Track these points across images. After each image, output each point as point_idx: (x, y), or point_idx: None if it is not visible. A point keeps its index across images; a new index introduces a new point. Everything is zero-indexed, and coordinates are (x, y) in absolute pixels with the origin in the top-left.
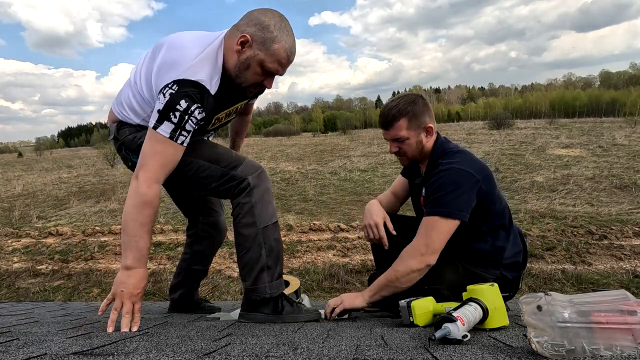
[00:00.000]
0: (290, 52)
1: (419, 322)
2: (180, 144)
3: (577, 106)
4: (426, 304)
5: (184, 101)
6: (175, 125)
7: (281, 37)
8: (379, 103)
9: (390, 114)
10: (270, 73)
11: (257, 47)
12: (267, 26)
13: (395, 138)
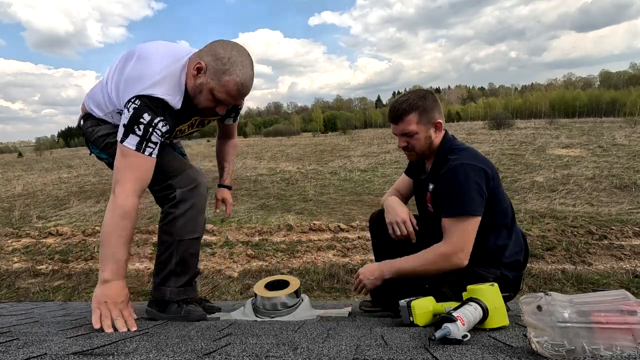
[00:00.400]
0: (242, 86)
1: (419, 321)
2: (149, 155)
3: (577, 106)
4: (426, 304)
5: (147, 114)
6: (140, 138)
7: (233, 70)
8: (379, 103)
9: (401, 108)
10: (220, 101)
11: (210, 76)
12: (222, 58)
13: (405, 132)
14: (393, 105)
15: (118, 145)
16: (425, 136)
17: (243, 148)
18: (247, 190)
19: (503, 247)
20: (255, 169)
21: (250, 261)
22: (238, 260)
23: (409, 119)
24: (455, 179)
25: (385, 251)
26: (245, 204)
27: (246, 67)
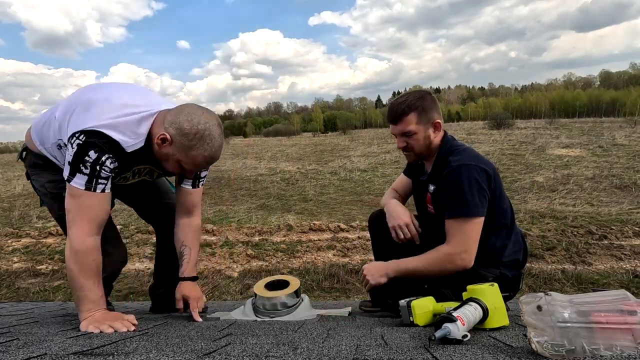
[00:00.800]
0: (211, 158)
1: (419, 321)
2: (101, 191)
3: (577, 106)
4: (426, 304)
5: (93, 152)
6: (88, 177)
7: (200, 145)
8: (379, 103)
9: (400, 109)
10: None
11: (176, 149)
12: (187, 134)
13: (404, 132)
14: (392, 105)
15: (67, 184)
16: (424, 136)
17: (243, 148)
18: (247, 190)
19: (503, 247)
20: (255, 169)
21: (250, 261)
22: (238, 260)
23: (408, 119)
24: (458, 180)
25: (385, 251)
26: (245, 204)
27: (214, 139)
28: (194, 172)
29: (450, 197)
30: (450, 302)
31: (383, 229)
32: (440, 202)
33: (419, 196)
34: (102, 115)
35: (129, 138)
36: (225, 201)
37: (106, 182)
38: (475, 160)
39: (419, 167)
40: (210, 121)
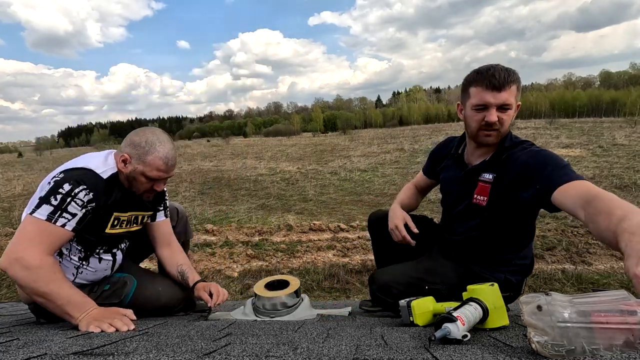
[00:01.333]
0: (166, 158)
1: (419, 321)
2: (61, 226)
3: (577, 106)
4: (426, 304)
5: (68, 184)
6: (54, 207)
7: (153, 149)
8: (379, 103)
9: (505, 75)
10: (154, 179)
11: (135, 162)
12: (139, 144)
13: (505, 104)
14: (494, 72)
15: (23, 219)
16: (513, 115)
17: (243, 148)
18: (247, 190)
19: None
20: (255, 169)
21: (250, 261)
22: (238, 260)
23: (511, 89)
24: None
25: (385, 251)
26: (245, 204)
27: (164, 142)
28: (162, 182)
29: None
30: (450, 302)
31: (382, 229)
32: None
33: (458, 191)
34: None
35: (101, 168)
36: (225, 201)
37: (71, 218)
38: None
39: (456, 161)
40: (156, 130)
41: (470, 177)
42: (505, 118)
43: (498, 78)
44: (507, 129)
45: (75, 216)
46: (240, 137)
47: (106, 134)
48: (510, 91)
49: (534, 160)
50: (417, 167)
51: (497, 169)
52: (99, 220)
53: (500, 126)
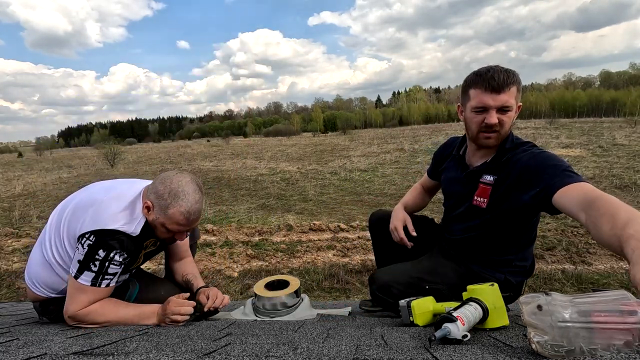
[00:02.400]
0: (188, 214)
1: (419, 321)
2: (106, 286)
3: (577, 106)
4: (426, 304)
5: (102, 250)
6: (95, 274)
7: (176, 202)
8: (379, 103)
9: (505, 77)
10: (174, 232)
11: (157, 213)
12: (162, 195)
13: (505, 106)
14: (493, 73)
15: (70, 278)
16: (513, 116)
17: (243, 148)
18: (247, 190)
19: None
20: (255, 169)
21: (250, 261)
22: (238, 260)
23: (511, 91)
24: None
25: (386, 251)
26: (245, 204)
27: (188, 195)
28: (183, 234)
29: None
30: (450, 302)
31: (383, 229)
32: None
33: (459, 192)
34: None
35: (133, 222)
36: (225, 201)
37: (112, 277)
38: None
39: (457, 162)
40: (183, 179)
41: (471, 179)
42: (505, 120)
43: (497, 80)
44: (507, 130)
45: (116, 275)
46: (240, 137)
47: (106, 134)
48: (510, 93)
49: (535, 162)
50: (417, 167)
51: (498, 171)
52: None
53: (501, 128)
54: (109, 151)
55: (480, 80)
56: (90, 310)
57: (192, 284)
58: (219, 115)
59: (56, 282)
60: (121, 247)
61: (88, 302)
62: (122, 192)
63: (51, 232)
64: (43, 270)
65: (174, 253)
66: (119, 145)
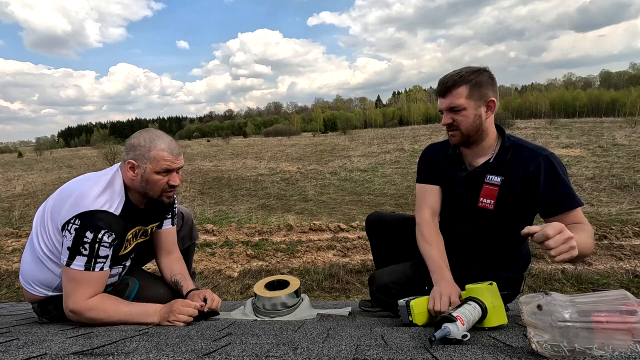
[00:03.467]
0: (169, 148)
1: (418, 321)
2: (100, 270)
3: (577, 106)
4: (425, 303)
5: (89, 232)
6: (87, 257)
7: (154, 143)
8: (379, 103)
9: (451, 80)
10: (166, 171)
11: (143, 163)
12: (138, 145)
13: (452, 107)
14: (443, 78)
15: (63, 268)
16: (475, 114)
17: (243, 148)
18: (247, 190)
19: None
20: (255, 169)
21: (250, 261)
22: (238, 260)
23: (458, 92)
24: (563, 171)
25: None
26: (245, 204)
27: (161, 135)
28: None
29: (563, 189)
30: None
31: (380, 231)
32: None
33: (460, 193)
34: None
35: (114, 199)
36: (225, 201)
37: (105, 260)
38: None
39: (454, 161)
40: (150, 129)
41: (474, 179)
42: (459, 119)
43: (444, 83)
44: (470, 128)
45: (107, 257)
46: (240, 137)
47: (106, 133)
48: (456, 94)
49: (545, 176)
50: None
51: (503, 171)
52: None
53: (459, 126)
54: (109, 151)
55: (437, 85)
56: (91, 305)
57: (182, 285)
58: (219, 115)
59: (49, 278)
60: (107, 226)
61: (86, 291)
62: (98, 176)
63: (37, 227)
64: (36, 268)
65: (160, 245)
66: (119, 145)
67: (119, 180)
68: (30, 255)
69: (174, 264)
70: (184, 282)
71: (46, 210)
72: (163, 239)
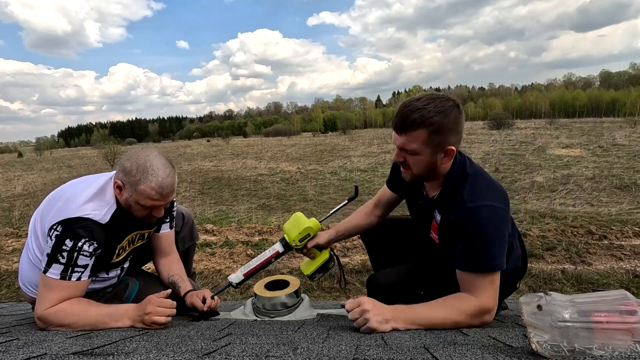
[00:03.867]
0: (160, 188)
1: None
2: (77, 280)
3: (577, 106)
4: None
5: (69, 240)
6: (64, 266)
7: (145, 178)
8: (379, 103)
9: (410, 118)
10: (150, 207)
11: (128, 190)
12: (130, 171)
13: (405, 148)
14: (403, 110)
15: (40, 277)
16: (429, 161)
17: (243, 148)
18: (247, 190)
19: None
20: (255, 169)
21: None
22: (238, 260)
23: (415, 135)
24: (478, 228)
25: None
26: (245, 204)
27: (157, 169)
28: (160, 209)
29: (471, 245)
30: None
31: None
32: (450, 237)
33: (419, 219)
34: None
35: (103, 207)
36: (225, 201)
37: (83, 270)
38: (491, 196)
39: (415, 187)
40: (150, 154)
41: (427, 211)
42: (411, 162)
43: (401, 119)
44: (421, 171)
45: (87, 267)
46: (240, 137)
47: (106, 133)
48: (413, 136)
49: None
50: None
51: (443, 209)
52: (105, 257)
53: (409, 168)
54: (109, 151)
55: (395, 115)
56: (57, 309)
57: (180, 286)
58: (219, 115)
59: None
60: (89, 235)
61: (58, 300)
62: (91, 181)
63: (31, 229)
64: (32, 272)
65: (158, 248)
66: (119, 145)
67: (111, 189)
68: (26, 257)
69: (172, 265)
70: (182, 283)
71: (38, 214)
72: (161, 242)
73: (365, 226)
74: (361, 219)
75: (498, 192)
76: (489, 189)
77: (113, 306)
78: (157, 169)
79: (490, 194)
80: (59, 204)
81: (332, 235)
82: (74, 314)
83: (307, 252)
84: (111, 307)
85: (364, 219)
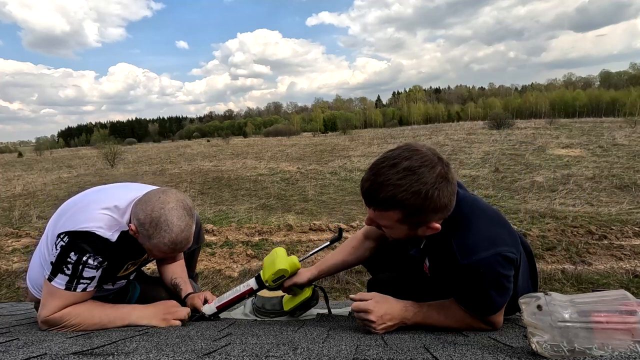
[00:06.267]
0: (173, 244)
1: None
2: (82, 291)
3: (577, 106)
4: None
5: (74, 253)
6: (70, 277)
7: (158, 234)
8: (379, 103)
9: (379, 196)
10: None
11: (142, 239)
12: (143, 224)
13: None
14: (373, 180)
15: (44, 280)
16: (406, 234)
17: (243, 148)
18: (247, 190)
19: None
20: (255, 169)
21: (250, 261)
22: (238, 260)
23: (386, 215)
24: (476, 283)
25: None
26: (245, 204)
27: (171, 224)
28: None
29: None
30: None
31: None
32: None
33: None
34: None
35: (109, 230)
36: (225, 201)
37: (89, 281)
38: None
39: None
40: (167, 205)
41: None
42: (387, 232)
43: (368, 191)
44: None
45: (93, 279)
46: (240, 137)
47: (106, 133)
48: (382, 215)
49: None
50: None
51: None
52: (112, 271)
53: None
54: (109, 151)
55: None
56: (64, 313)
57: (181, 289)
58: (218, 115)
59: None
60: (95, 250)
61: (63, 307)
62: (111, 194)
63: (45, 235)
64: (40, 274)
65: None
66: (118, 145)
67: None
68: (38, 260)
69: (175, 267)
70: (184, 285)
71: (53, 219)
72: None
73: (352, 261)
74: (348, 253)
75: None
76: (483, 235)
77: (119, 306)
78: (172, 224)
79: (486, 241)
80: (72, 211)
81: (314, 274)
82: (79, 316)
83: (286, 290)
84: (118, 308)
85: (351, 254)
